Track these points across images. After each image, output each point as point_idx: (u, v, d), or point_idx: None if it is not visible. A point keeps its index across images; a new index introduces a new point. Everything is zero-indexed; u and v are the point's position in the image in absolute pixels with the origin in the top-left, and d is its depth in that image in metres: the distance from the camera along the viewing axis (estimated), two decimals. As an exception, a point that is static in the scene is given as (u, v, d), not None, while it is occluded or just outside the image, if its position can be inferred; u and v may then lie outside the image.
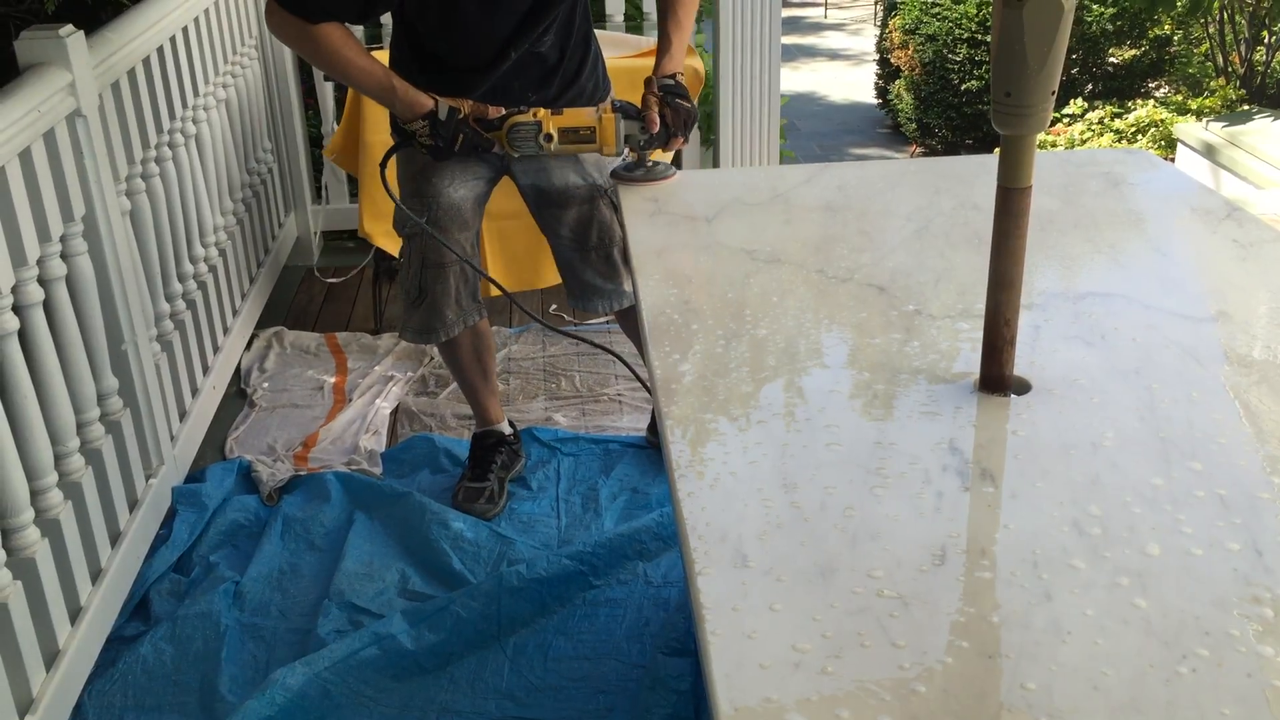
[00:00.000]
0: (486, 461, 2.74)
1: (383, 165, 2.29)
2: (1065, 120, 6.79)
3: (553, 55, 2.28)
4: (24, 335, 2.04)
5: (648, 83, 2.24)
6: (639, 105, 2.22)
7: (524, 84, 2.28)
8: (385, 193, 2.31)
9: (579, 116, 2.19)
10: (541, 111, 2.19)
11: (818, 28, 13.00)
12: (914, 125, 7.96)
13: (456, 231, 2.42)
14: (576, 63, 2.34)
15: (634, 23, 4.23)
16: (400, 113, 2.23)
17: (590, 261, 2.51)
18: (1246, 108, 6.15)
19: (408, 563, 2.51)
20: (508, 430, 2.81)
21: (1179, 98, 6.76)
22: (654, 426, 2.88)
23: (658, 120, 2.18)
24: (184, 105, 2.98)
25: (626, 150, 2.23)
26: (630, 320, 2.65)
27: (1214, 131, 5.46)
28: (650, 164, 2.15)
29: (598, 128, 2.18)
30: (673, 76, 2.25)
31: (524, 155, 2.24)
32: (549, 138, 2.17)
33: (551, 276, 2.69)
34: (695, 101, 2.32)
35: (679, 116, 2.21)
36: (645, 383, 2.41)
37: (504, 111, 2.21)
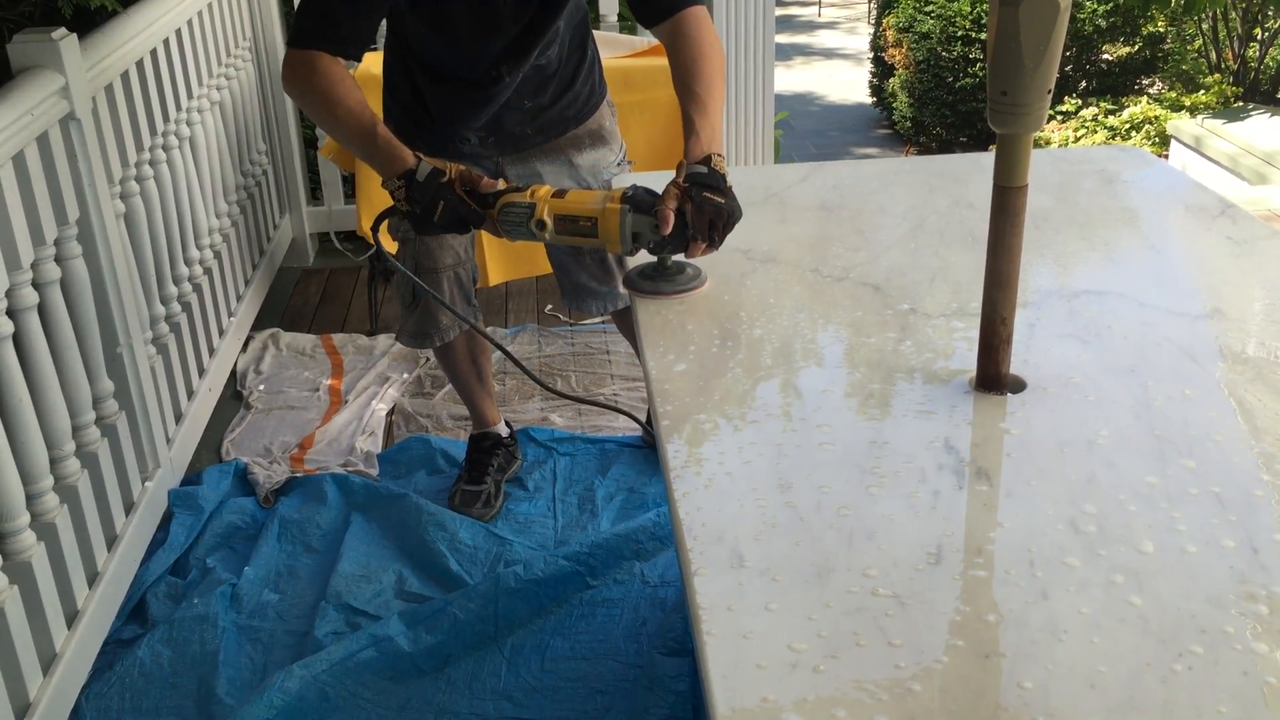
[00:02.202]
0: (483, 464, 2.74)
1: (374, 228, 1.98)
2: (1059, 118, 6.80)
3: (551, 64, 2.25)
4: (19, 339, 2.04)
5: (678, 168, 1.77)
6: (660, 193, 1.73)
7: (520, 92, 2.25)
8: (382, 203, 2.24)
9: (581, 203, 1.75)
10: (542, 191, 1.78)
11: (812, 26, 13.01)
12: (909, 123, 7.97)
13: (451, 237, 2.41)
14: (573, 68, 2.31)
15: (627, 22, 4.23)
16: (378, 168, 1.94)
17: (584, 265, 2.51)
18: (1241, 104, 6.16)
19: (405, 564, 2.51)
20: (504, 432, 2.81)
21: (1173, 94, 6.77)
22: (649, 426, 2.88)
23: (671, 218, 1.67)
24: (178, 108, 2.98)
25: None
26: (626, 320, 2.65)
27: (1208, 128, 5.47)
28: (669, 267, 1.70)
29: (599, 220, 1.71)
30: (706, 161, 1.78)
31: (515, 239, 1.85)
32: (541, 225, 1.75)
33: (547, 264, 2.68)
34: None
35: (702, 216, 1.68)
36: (641, 422, 2.29)
37: (499, 186, 1.84)
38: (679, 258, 1.73)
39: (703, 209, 1.69)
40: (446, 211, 1.85)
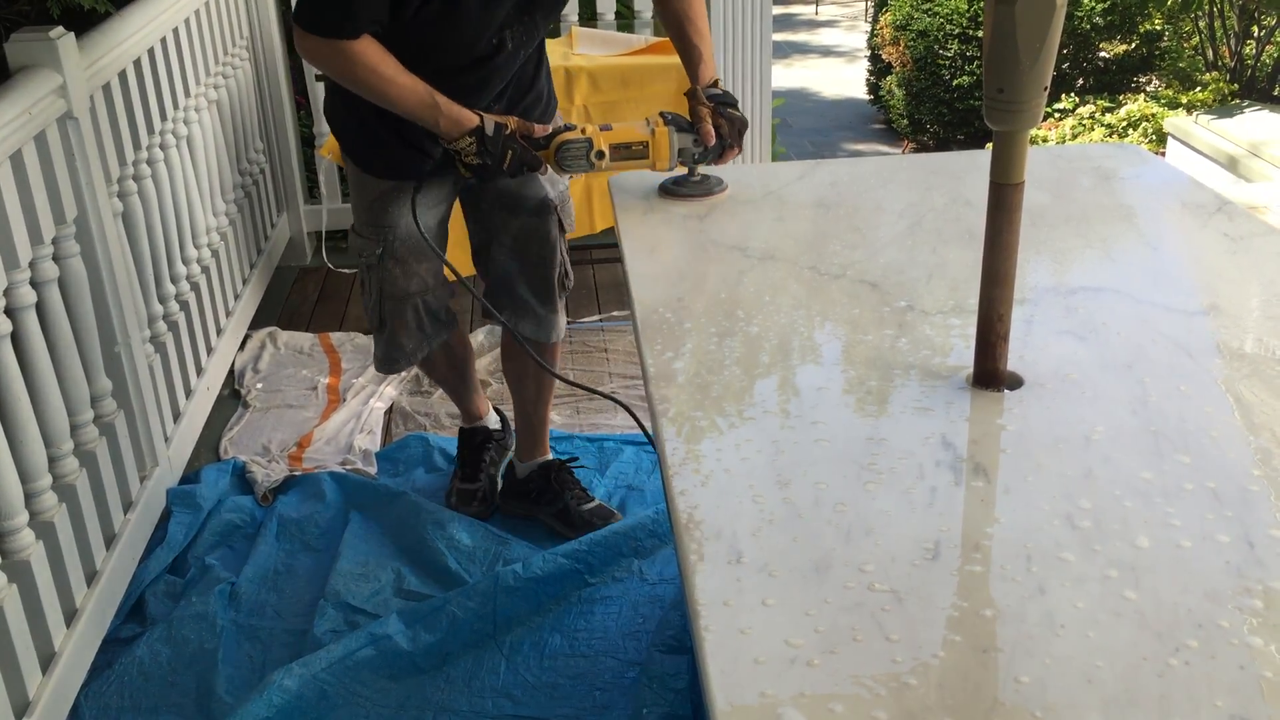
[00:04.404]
0: (476, 460, 2.74)
1: (413, 202, 2.17)
2: (1056, 115, 6.81)
3: (514, 66, 2.16)
4: (17, 338, 2.04)
5: (693, 95, 2.10)
6: (688, 117, 2.08)
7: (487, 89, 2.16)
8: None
9: (630, 132, 2.07)
10: (590, 128, 2.07)
11: (809, 24, 13.00)
12: (905, 121, 7.97)
13: (415, 263, 2.30)
14: (534, 68, 2.26)
15: (624, 20, 4.22)
16: (445, 130, 2.04)
17: (526, 277, 2.39)
18: (1237, 102, 6.17)
19: (403, 562, 2.51)
20: (494, 424, 2.80)
21: (1169, 92, 6.77)
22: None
23: (713, 132, 2.04)
24: (175, 106, 2.98)
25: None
26: (516, 361, 2.55)
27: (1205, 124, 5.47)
28: (700, 178, 2.03)
29: (650, 142, 2.05)
30: (715, 84, 2.13)
31: (573, 174, 2.14)
32: (600, 155, 2.05)
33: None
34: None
35: (734, 127, 2.06)
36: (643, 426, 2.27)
37: (550, 129, 2.09)
38: (706, 169, 2.06)
39: (732, 122, 2.06)
40: (514, 160, 2.06)
